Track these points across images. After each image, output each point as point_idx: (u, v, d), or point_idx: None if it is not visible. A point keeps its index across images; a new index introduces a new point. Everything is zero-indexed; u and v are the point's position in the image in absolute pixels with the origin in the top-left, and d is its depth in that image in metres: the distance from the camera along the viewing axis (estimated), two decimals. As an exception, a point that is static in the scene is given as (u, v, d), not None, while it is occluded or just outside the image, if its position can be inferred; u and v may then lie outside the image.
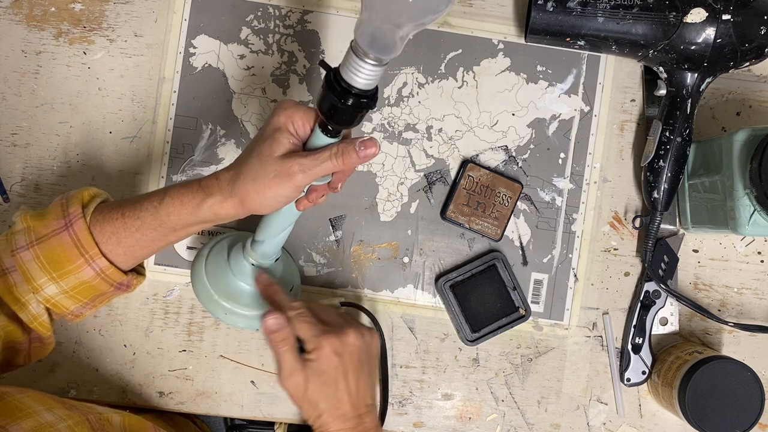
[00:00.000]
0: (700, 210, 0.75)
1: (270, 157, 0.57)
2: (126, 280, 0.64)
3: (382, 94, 0.79)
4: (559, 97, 0.79)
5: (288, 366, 0.64)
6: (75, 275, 0.61)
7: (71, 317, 0.64)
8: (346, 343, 0.65)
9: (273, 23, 0.79)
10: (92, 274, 0.61)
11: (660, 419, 0.79)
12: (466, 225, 0.77)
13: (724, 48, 0.69)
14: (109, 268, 0.61)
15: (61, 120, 0.79)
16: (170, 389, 0.78)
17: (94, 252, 0.60)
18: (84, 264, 0.60)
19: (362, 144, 0.57)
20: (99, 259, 0.61)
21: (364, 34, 0.51)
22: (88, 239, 0.60)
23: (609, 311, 0.79)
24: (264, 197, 0.57)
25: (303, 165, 0.56)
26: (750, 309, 0.79)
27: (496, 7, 0.79)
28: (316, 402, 0.64)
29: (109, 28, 0.79)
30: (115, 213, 0.61)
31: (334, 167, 0.57)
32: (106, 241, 0.61)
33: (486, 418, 0.79)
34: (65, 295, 0.61)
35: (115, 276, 0.62)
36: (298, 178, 0.56)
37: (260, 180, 0.57)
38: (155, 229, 0.61)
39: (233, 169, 0.59)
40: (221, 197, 0.58)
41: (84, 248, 0.60)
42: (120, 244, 0.61)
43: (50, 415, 0.55)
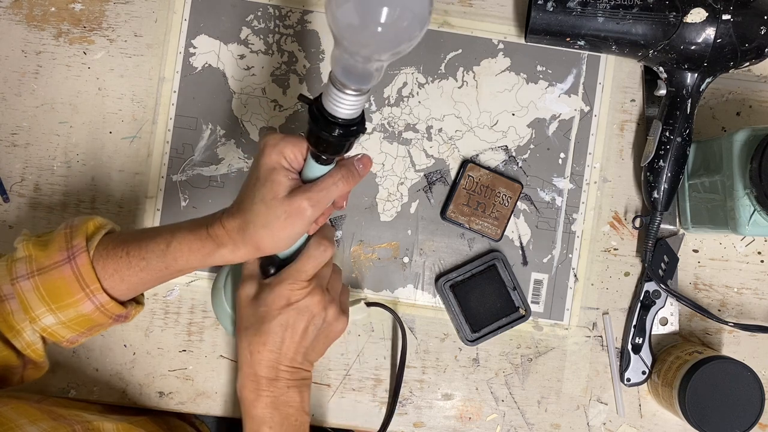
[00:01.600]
0: (700, 210, 0.75)
1: (275, 200, 0.56)
2: (125, 312, 0.63)
3: (382, 94, 0.79)
4: (559, 97, 0.79)
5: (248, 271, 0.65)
6: (74, 308, 0.60)
7: (66, 344, 0.63)
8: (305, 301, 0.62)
9: (273, 23, 0.79)
10: (92, 308, 0.60)
11: (660, 419, 0.79)
12: (466, 225, 0.77)
13: (724, 48, 0.69)
14: (109, 303, 0.60)
15: (61, 120, 0.79)
16: (170, 389, 0.78)
17: (95, 287, 0.59)
18: (84, 298, 0.60)
19: (360, 163, 0.59)
20: (100, 294, 0.60)
21: (338, 67, 0.50)
22: (90, 274, 0.59)
23: (609, 311, 0.79)
24: (279, 239, 0.57)
25: (311, 199, 0.56)
26: (750, 309, 0.79)
27: (496, 7, 0.79)
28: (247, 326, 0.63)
29: (109, 28, 0.79)
30: (120, 251, 0.60)
31: (340, 192, 0.57)
32: (108, 277, 0.60)
33: (486, 418, 0.79)
34: (62, 325, 0.61)
35: (114, 309, 0.61)
36: (309, 213, 0.56)
37: (272, 224, 0.56)
38: (161, 271, 0.60)
39: (239, 216, 0.57)
40: (233, 247, 0.58)
41: (86, 282, 0.59)
42: (123, 282, 0.60)
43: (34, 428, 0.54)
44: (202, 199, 0.78)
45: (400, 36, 0.48)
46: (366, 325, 0.78)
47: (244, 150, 0.79)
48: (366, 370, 0.78)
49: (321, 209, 0.57)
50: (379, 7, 0.46)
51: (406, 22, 0.47)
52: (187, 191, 0.78)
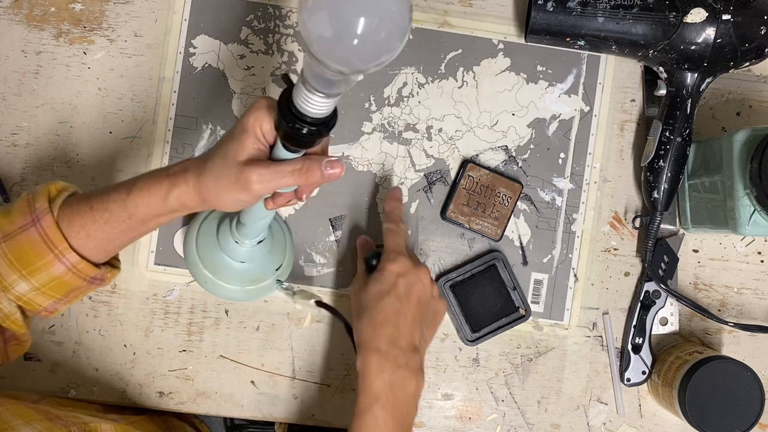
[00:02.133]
0: (700, 210, 0.75)
1: (233, 160, 0.55)
2: (99, 274, 0.62)
3: (382, 94, 0.79)
4: (559, 97, 0.79)
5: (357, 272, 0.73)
6: (45, 272, 0.59)
7: (45, 313, 0.63)
8: (417, 273, 0.69)
9: (273, 23, 0.79)
10: (63, 269, 0.60)
11: (660, 419, 0.79)
12: (466, 225, 0.77)
13: (724, 48, 0.69)
14: (80, 263, 0.60)
15: (61, 120, 0.79)
16: (170, 389, 0.78)
17: (63, 247, 0.59)
18: (54, 260, 0.59)
19: (329, 164, 0.55)
20: (69, 254, 0.59)
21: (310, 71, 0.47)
22: (56, 234, 0.59)
23: (609, 311, 0.79)
24: (223, 199, 0.56)
25: (262, 176, 0.55)
26: (750, 309, 0.79)
27: (496, 7, 0.79)
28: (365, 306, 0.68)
29: (109, 28, 0.79)
30: (83, 206, 0.59)
31: (294, 183, 0.56)
32: (75, 235, 0.59)
33: (486, 418, 0.78)
34: (37, 292, 0.60)
35: (87, 270, 0.61)
36: (255, 188, 0.55)
37: (220, 182, 0.56)
38: (124, 221, 0.59)
39: (201, 161, 0.57)
40: (186, 188, 0.57)
41: (53, 243, 0.59)
42: (90, 239, 0.60)
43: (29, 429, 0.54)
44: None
45: (379, 48, 0.44)
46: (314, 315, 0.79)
47: (244, 150, 0.78)
48: (366, 370, 0.78)
49: (269, 190, 0.56)
50: (356, 17, 0.42)
51: (385, 33, 0.43)
52: (187, 191, 0.78)
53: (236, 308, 0.78)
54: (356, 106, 0.79)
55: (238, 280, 0.72)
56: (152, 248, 0.78)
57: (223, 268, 0.72)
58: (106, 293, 0.77)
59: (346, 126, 0.79)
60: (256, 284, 0.73)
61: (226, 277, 0.72)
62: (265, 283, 0.73)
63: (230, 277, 0.72)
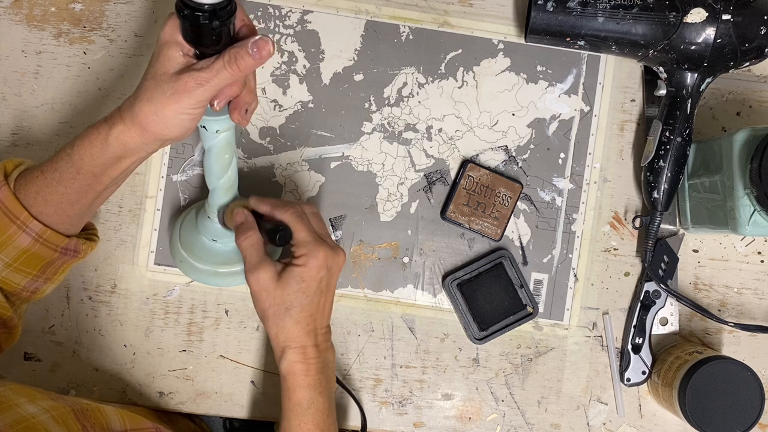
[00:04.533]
0: (700, 210, 0.75)
1: (165, 75, 0.55)
2: (71, 244, 0.62)
3: (382, 94, 0.79)
4: (559, 97, 0.79)
5: (252, 261, 0.63)
6: (12, 245, 0.59)
7: (28, 294, 0.63)
8: (335, 260, 0.64)
9: (273, 23, 0.79)
10: (29, 240, 0.59)
11: (660, 419, 0.79)
12: (466, 225, 0.77)
13: (724, 48, 0.69)
14: (45, 232, 0.60)
15: (61, 120, 0.79)
16: (170, 389, 0.78)
17: (24, 216, 0.59)
18: (18, 231, 0.59)
19: (254, 45, 0.54)
20: (31, 222, 0.59)
21: None
22: (14, 204, 0.59)
23: (609, 311, 0.79)
24: (164, 117, 0.55)
25: (198, 78, 0.54)
26: (750, 309, 0.79)
27: (496, 7, 0.79)
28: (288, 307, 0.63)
29: (109, 28, 0.79)
30: (36, 172, 0.60)
31: (231, 74, 0.54)
32: (32, 202, 0.59)
33: (486, 418, 0.79)
34: (10, 269, 0.60)
35: (54, 239, 0.60)
36: (197, 92, 0.54)
37: (157, 100, 0.55)
38: (75, 178, 0.59)
39: (132, 95, 0.56)
40: (123, 126, 0.56)
41: (13, 215, 0.59)
42: (47, 203, 0.59)
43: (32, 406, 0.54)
44: (202, 198, 0.78)
45: None
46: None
47: (244, 150, 0.79)
48: (366, 370, 0.78)
49: (211, 91, 0.55)
50: None
51: None
52: (187, 191, 0.78)
53: (236, 308, 0.78)
54: (356, 106, 0.79)
55: (210, 261, 0.71)
56: (152, 248, 0.78)
57: (198, 246, 0.71)
58: (106, 293, 0.78)
59: (346, 126, 0.79)
60: (228, 268, 0.71)
61: (199, 257, 0.71)
62: (237, 269, 0.71)
63: (203, 257, 0.71)
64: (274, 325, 0.64)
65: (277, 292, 0.63)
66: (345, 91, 0.79)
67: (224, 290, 0.78)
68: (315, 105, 0.79)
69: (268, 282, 0.63)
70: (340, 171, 0.79)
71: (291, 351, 0.64)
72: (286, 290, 0.63)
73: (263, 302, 0.64)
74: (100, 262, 0.77)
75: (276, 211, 0.65)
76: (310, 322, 0.64)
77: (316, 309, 0.65)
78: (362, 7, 0.79)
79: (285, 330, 0.64)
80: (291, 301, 0.63)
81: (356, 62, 0.79)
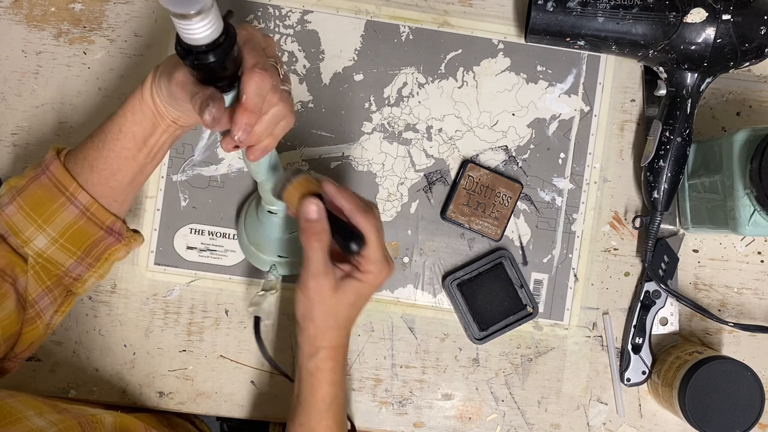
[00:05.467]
0: (700, 210, 0.75)
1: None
2: (115, 224, 0.64)
3: (382, 94, 0.79)
4: (559, 97, 0.79)
5: (317, 266, 0.59)
6: (59, 217, 0.61)
7: (70, 280, 0.64)
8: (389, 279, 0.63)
9: (273, 23, 0.79)
10: (76, 212, 0.61)
11: (660, 419, 0.79)
12: (466, 225, 0.77)
13: (724, 48, 0.69)
14: (92, 204, 0.62)
15: (61, 120, 0.79)
16: (170, 389, 0.78)
17: (73, 187, 0.61)
18: (66, 202, 0.61)
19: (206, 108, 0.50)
20: (80, 193, 0.61)
21: None
22: (65, 176, 0.61)
23: (609, 311, 0.79)
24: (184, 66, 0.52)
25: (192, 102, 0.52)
26: (750, 309, 0.79)
27: (496, 7, 0.79)
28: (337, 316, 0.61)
29: (109, 28, 0.79)
30: (85, 140, 0.62)
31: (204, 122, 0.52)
32: (80, 170, 0.61)
33: (486, 418, 0.79)
34: (56, 245, 0.61)
35: (100, 214, 0.62)
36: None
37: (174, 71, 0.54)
38: (117, 138, 0.60)
39: None
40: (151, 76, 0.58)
41: (63, 185, 0.61)
42: (92, 170, 0.61)
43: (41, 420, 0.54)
44: (202, 199, 0.78)
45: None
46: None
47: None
48: (366, 370, 0.78)
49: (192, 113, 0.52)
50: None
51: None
52: (187, 191, 0.78)
53: (236, 308, 0.78)
54: (356, 106, 0.79)
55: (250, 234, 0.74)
56: (152, 248, 0.78)
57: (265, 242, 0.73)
58: (106, 293, 0.78)
59: (346, 126, 0.79)
60: (257, 249, 0.73)
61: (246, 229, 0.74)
62: (263, 257, 0.73)
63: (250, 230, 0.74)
64: (315, 328, 0.63)
65: (332, 302, 0.61)
66: (345, 91, 0.79)
67: (224, 290, 0.78)
68: (315, 105, 0.79)
69: (328, 291, 0.60)
70: (340, 171, 0.79)
71: (324, 350, 0.63)
72: (342, 301, 0.61)
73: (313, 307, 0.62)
74: (100, 262, 0.77)
75: (358, 215, 0.60)
76: (349, 327, 0.64)
77: (356, 317, 0.64)
78: (362, 7, 0.79)
79: (326, 334, 0.63)
80: (341, 312, 0.62)
81: (356, 62, 0.79)
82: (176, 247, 0.78)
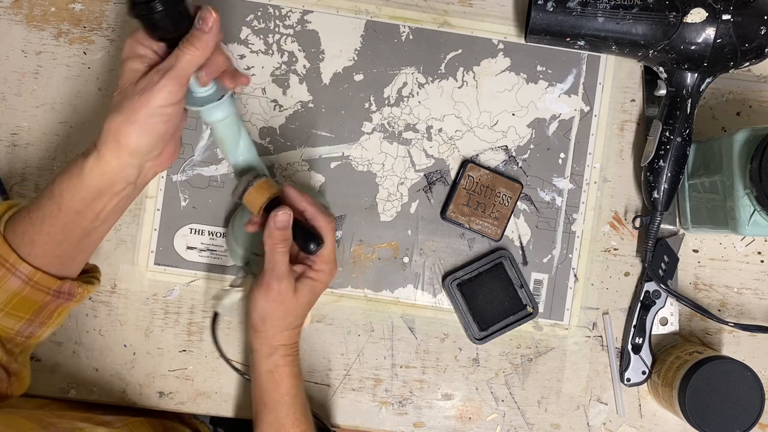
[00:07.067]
0: (700, 210, 0.75)
1: (130, 86, 0.56)
2: (64, 287, 0.60)
3: (382, 94, 0.79)
4: (559, 97, 0.79)
5: (282, 269, 0.63)
6: (2, 288, 0.58)
7: (23, 339, 0.61)
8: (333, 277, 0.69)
9: (273, 23, 0.79)
10: (19, 283, 0.58)
11: (660, 419, 0.79)
12: (466, 225, 0.77)
13: (724, 48, 0.69)
14: (35, 274, 0.58)
15: (61, 120, 0.79)
16: (170, 389, 0.78)
17: (13, 259, 0.58)
18: (7, 273, 0.58)
19: (200, 19, 0.56)
20: (20, 265, 0.58)
21: None
22: (3, 247, 0.58)
23: (609, 311, 0.79)
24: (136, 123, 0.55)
25: (161, 69, 0.55)
26: (750, 309, 0.79)
27: (496, 7, 0.79)
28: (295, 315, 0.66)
29: (109, 28, 0.79)
30: (23, 213, 0.59)
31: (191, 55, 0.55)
32: (20, 243, 0.58)
33: (486, 418, 0.79)
34: (2, 313, 0.59)
35: (45, 281, 0.59)
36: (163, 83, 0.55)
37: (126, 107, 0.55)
38: (57, 216, 0.58)
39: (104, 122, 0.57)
40: (96, 152, 0.56)
41: (2, 257, 0.58)
42: (34, 244, 0.58)
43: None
44: (202, 199, 0.78)
45: None
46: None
47: (244, 150, 0.79)
48: (366, 370, 0.78)
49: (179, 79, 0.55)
50: None
51: None
52: (187, 191, 0.78)
53: (236, 308, 0.78)
54: (356, 106, 0.79)
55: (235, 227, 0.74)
56: (152, 248, 0.78)
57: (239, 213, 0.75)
58: (106, 293, 0.78)
59: (346, 126, 0.79)
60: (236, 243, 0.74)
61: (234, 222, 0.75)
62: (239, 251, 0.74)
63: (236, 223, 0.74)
64: (274, 328, 0.66)
65: (292, 303, 0.65)
66: (345, 91, 0.79)
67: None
68: (315, 105, 0.79)
69: (289, 292, 0.64)
70: (340, 171, 0.79)
71: (283, 348, 0.67)
72: (299, 301, 0.66)
73: (275, 308, 0.65)
74: (100, 262, 0.77)
75: (320, 218, 0.65)
76: (300, 325, 0.69)
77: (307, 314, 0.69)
78: (362, 7, 0.79)
79: (283, 333, 0.67)
80: (297, 311, 0.66)
81: (356, 62, 0.79)
82: (176, 247, 0.78)
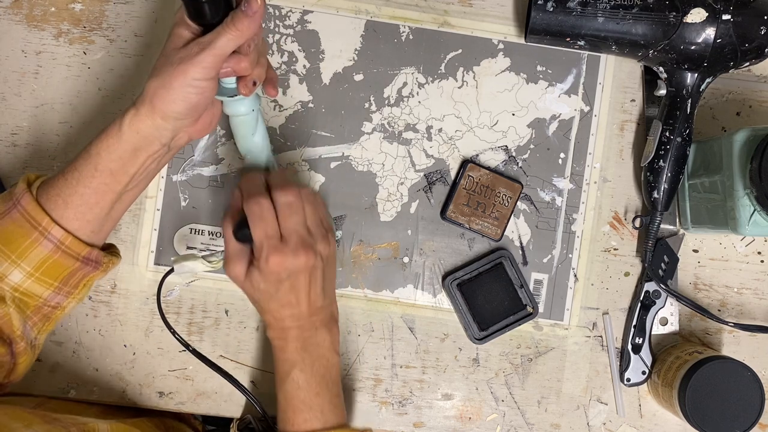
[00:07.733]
0: (700, 210, 0.75)
1: (173, 50, 0.57)
2: (92, 254, 0.62)
3: (382, 94, 0.79)
4: (559, 97, 0.79)
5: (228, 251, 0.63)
6: (33, 252, 0.59)
7: (49, 309, 0.62)
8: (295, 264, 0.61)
9: (273, 23, 0.79)
10: (51, 247, 0.59)
11: (660, 419, 0.79)
12: (466, 225, 0.77)
13: (724, 48, 0.69)
14: (66, 238, 0.59)
15: (61, 120, 0.79)
16: (170, 389, 0.78)
17: (46, 222, 0.59)
18: (39, 237, 0.59)
19: (245, 3, 0.57)
20: (53, 228, 0.59)
21: None
22: (36, 210, 0.59)
23: (609, 311, 0.79)
24: (171, 90, 0.57)
25: (201, 42, 0.56)
26: (750, 309, 0.79)
27: (496, 7, 0.79)
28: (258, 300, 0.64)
29: (109, 28, 0.79)
30: (58, 176, 0.61)
31: (232, 35, 0.57)
32: (53, 206, 0.59)
33: (486, 418, 0.79)
34: (32, 279, 0.60)
35: (75, 246, 0.60)
36: (201, 57, 0.56)
37: (165, 72, 0.57)
38: (93, 176, 0.59)
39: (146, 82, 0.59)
40: (134, 110, 0.58)
41: (35, 220, 0.59)
42: (67, 206, 0.59)
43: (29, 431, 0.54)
44: (202, 199, 0.78)
45: None
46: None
47: (244, 150, 0.79)
48: (366, 370, 0.78)
49: (214, 56, 0.57)
50: None
51: None
52: (187, 191, 0.78)
53: (236, 308, 0.78)
54: (356, 106, 0.79)
55: None
56: (152, 248, 0.78)
57: None
58: (106, 293, 0.78)
59: (346, 126, 0.79)
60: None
61: None
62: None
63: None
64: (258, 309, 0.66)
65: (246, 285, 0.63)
66: (345, 91, 0.79)
67: (224, 290, 0.78)
68: (315, 105, 0.79)
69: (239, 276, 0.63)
70: (340, 171, 0.79)
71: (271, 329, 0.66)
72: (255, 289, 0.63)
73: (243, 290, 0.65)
74: (100, 262, 0.77)
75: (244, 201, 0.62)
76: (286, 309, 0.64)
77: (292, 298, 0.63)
78: (362, 7, 0.79)
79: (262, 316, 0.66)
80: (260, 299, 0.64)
81: (356, 62, 0.79)
82: (176, 247, 0.78)
